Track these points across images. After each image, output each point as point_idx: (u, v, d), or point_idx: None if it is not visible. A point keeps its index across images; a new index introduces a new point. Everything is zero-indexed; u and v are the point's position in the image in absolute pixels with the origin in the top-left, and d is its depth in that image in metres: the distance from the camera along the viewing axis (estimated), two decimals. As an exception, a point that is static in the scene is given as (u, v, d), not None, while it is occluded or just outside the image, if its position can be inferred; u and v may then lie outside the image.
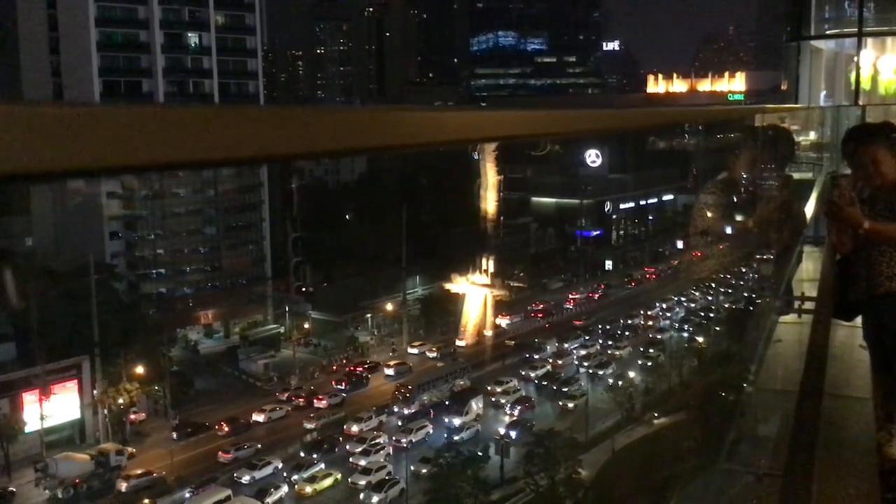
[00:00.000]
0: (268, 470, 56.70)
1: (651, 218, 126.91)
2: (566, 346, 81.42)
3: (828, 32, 25.23)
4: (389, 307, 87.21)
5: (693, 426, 55.12)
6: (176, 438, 61.47)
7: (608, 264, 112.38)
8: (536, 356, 78.58)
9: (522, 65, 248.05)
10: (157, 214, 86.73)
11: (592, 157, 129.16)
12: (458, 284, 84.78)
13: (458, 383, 71.35)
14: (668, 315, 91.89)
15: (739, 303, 79.91)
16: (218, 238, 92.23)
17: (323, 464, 57.85)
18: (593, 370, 75.13)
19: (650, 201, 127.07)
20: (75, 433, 61.63)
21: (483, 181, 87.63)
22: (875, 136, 5.74)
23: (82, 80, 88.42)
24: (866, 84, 23.15)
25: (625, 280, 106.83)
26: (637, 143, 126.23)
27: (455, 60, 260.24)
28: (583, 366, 77.13)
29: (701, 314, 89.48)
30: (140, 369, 66.19)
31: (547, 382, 72.89)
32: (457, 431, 61.94)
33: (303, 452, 59.61)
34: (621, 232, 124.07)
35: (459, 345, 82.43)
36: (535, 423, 63.10)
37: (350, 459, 58.28)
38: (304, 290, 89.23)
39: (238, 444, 60.61)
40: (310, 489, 55.08)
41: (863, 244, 5.57)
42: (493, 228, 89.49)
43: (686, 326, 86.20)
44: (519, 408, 67.26)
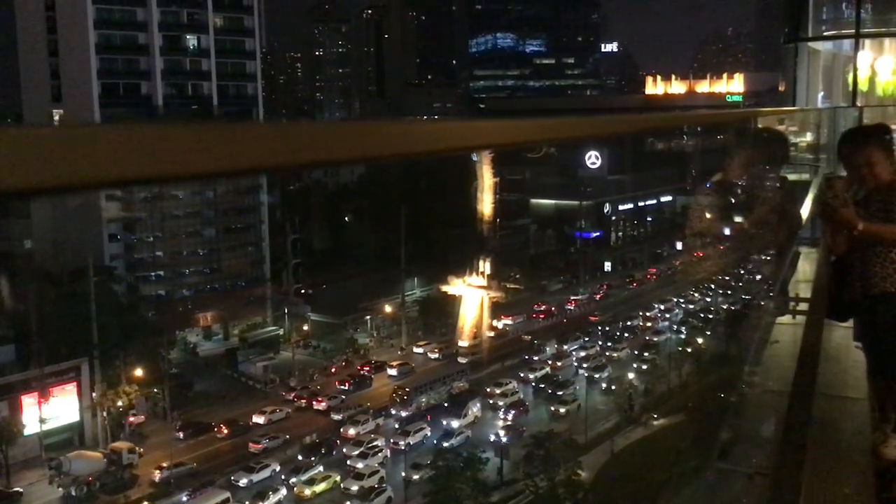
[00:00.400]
0: (265, 473, 56.68)
1: (650, 219, 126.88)
2: (566, 347, 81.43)
3: (825, 34, 25.24)
4: (388, 309, 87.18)
5: (686, 428, 55.17)
6: (182, 438, 61.81)
7: (607, 266, 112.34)
8: (536, 357, 78.52)
9: (521, 66, 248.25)
10: (156, 217, 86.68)
11: (592, 158, 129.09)
12: (457, 286, 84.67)
13: (456, 385, 71.25)
14: (668, 316, 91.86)
15: (735, 304, 79.96)
16: (217, 240, 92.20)
17: (321, 466, 57.82)
18: (589, 373, 75.05)
19: (649, 202, 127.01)
20: (74, 436, 61.55)
21: (482, 183, 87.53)
22: (869, 137, 5.76)
23: (81, 82, 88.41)
24: (864, 85, 23.16)
25: (626, 280, 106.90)
26: (636, 144, 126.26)
27: (454, 62, 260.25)
28: (582, 367, 77.04)
29: (700, 315, 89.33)
30: (139, 372, 66.22)
31: (544, 385, 72.73)
32: (447, 437, 61.46)
33: (300, 455, 59.53)
34: (620, 233, 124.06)
35: (462, 345, 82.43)
36: (528, 428, 62.74)
37: (348, 462, 58.25)
38: (303, 291, 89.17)
39: (268, 434, 62.03)
40: (309, 491, 55.02)
41: (857, 245, 5.59)
42: (493, 230, 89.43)
43: (682, 329, 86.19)
44: (513, 412, 66.90)
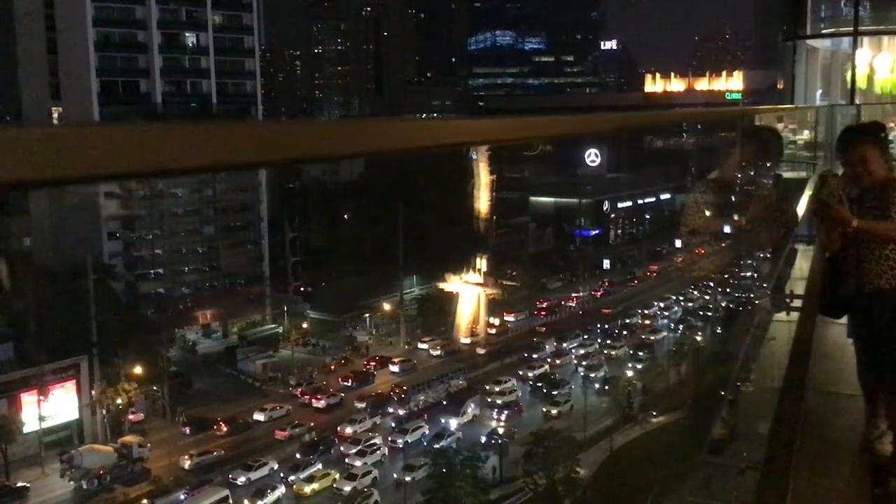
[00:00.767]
0: (263, 471, 56.63)
1: (648, 217, 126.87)
2: (565, 345, 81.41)
3: (824, 32, 25.27)
4: (387, 307, 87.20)
5: (682, 426, 55.13)
6: (188, 433, 62.11)
7: (606, 263, 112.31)
8: (535, 356, 78.53)
9: (520, 64, 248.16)
10: (155, 214, 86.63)
11: (591, 156, 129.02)
12: (454, 283, 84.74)
13: (454, 383, 71.02)
14: (667, 314, 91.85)
15: (731, 302, 79.93)
16: (216, 238, 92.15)
17: (320, 464, 57.77)
18: (585, 372, 74.85)
19: (648, 200, 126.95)
20: (74, 433, 61.49)
21: (482, 182, 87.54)
22: (864, 135, 5.80)
23: (80, 80, 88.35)
24: (862, 83, 23.19)
25: (627, 277, 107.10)
26: (635, 142, 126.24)
27: (453, 60, 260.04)
28: (581, 365, 76.99)
29: (699, 314, 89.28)
30: (138, 369, 66.14)
31: (542, 384, 72.40)
32: (438, 439, 60.97)
33: (299, 454, 59.38)
34: (619, 231, 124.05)
35: (464, 342, 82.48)
36: (520, 429, 62.11)
37: (346, 460, 58.21)
38: (302, 289, 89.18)
39: (294, 422, 63.45)
40: (308, 489, 54.96)
41: (852, 242, 5.62)
42: (490, 228, 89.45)
43: (676, 326, 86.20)
44: (507, 412, 66.33)
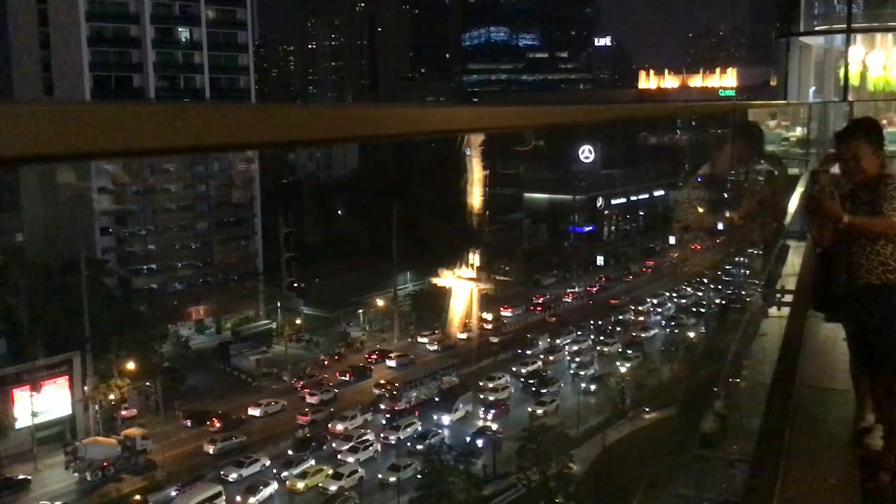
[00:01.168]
0: (255, 467, 56.58)
1: (642, 213, 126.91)
2: (559, 341, 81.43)
3: (817, 29, 25.33)
4: (381, 302, 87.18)
5: (674, 421, 55.21)
6: (190, 426, 62.67)
7: (600, 260, 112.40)
8: (529, 352, 78.54)
9: (514, 60, 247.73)
10: (148, 209, 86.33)
11: (585, 152, 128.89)
12: (447, 278, 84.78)
13: (446, 380, 70.90)
14: (660, 311, 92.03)
15: (723, 298, 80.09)
16: (209, 233, 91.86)
17: (313, 460, 57.76)
18: (574, 370, 74.74)
19: (641, 197, 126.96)
20: (66, 429, 61.31)
21: (476, 178, 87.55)
22: (856, 131, 5.81)
23: (73, 74, 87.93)
24: (855, 80, 23.25)
25: (624, 273, 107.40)
26: (629, 138, 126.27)
27: (447, 56, 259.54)
28: (574, 361, 77.02)
29: (692, 310, 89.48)
30: (131, 365, 66.04)
31: (534, 381, 72.22)
32: (420, 440, 60.41)
33: (291, 451, 59.33)
34: (613, 227, 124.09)
35: (461, 337, 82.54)
36: (506, 429, 62.06)
37: (339, 456, 58.21)
38: (295, 285, 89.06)
39: (317, 407, 65.25)
40: (301, 485, 54.93)
41: (843, 238, 5.63)
42: (483, 223, 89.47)
43: (671, 323, 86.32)
44: (493, 412, 65.79)
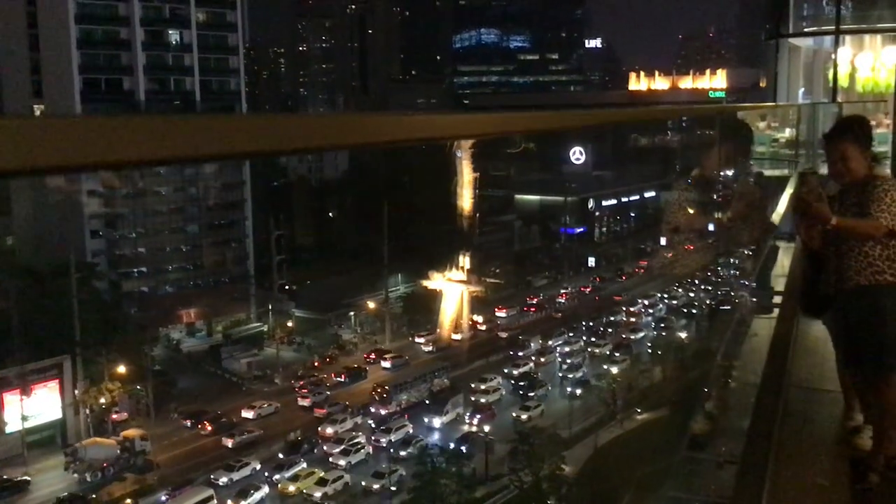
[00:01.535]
0: (245, 471, 56.30)
1: (633, 215, 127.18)
2: (550, 342, 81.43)
3: (806, 30, 25.43)
4: (372, 305, 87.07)
5: (664, 422, 55.22)
6: (190, 426, 62.71)
7: (591, 261, 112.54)
8: (521, 353, 78.52)
9: (505, 62, 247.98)
10: (138, 212, 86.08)
11: (576, 154, 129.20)
12: (437, 281, 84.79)
13: (436, 382, 70.67)
14: (651, 312, 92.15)
15: (713, 299, 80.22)
16: (200, 236, 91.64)
17: (305, 463, 57.59)
18: (563, 373, 74.52)
19: (632, 198, 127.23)
20: (57, 433, 61.02)
21: (467, 179, 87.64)
22: (844, 132, 5.78)
23: (62, 77, 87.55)
24: (844, 81, 23.35)
25: (617, 273, 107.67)
26: (619, 140, 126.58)
27: (438, 58, 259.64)
28: (566, 363, 77.02)
29: (683, 311, 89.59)
30: (122, 369, 65.73)
31: (524, 383, 71.86)
32: (404, 446, 60.00)
33: (281, 454, 59.13)
34: (604, 229, 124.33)
35: (455, 338, 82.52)
36: (493, 433, 60.80)
37: (330, 459, 58.04)
38: (286, 287, 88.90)
39: (330, 401, 66.46)
40: (293, 488, 54.73)
41: (832, 240, 5.63)
42: (474, 226, 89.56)
43: (661, 325, 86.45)
44: (479, 416, 64.54)
